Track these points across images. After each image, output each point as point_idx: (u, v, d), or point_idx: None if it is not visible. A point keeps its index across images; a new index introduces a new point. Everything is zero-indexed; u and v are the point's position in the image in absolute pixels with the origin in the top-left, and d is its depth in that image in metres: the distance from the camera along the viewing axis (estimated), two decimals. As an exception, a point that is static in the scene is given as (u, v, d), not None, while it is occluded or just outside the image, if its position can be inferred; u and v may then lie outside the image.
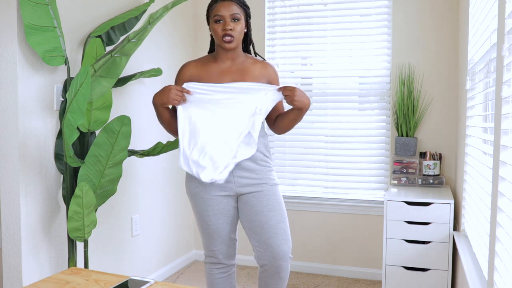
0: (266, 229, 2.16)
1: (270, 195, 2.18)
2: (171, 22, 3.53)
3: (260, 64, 2.20)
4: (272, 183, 2.20)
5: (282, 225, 2.18)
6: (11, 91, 2.27)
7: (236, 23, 2.09)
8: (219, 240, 2.25)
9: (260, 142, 2.18)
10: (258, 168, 2.17)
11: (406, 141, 3.28)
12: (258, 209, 2.16)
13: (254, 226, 2.18)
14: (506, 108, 1.50)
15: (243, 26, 2.13)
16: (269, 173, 2.21)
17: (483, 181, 2.12)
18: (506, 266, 1.46)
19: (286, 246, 2.18)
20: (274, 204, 2.18)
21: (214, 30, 2.10)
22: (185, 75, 2.19)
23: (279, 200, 2.21)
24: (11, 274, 2.34)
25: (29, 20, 2.15)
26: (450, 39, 3.30)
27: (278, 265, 2.18)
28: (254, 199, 2.17)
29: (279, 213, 2.18)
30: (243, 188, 2.17)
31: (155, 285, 1.58)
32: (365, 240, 3.53)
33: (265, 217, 2.16)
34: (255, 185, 2.17)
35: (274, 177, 2.23)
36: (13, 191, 2.30)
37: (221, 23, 2.09)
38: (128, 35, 2.27)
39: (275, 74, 2.23)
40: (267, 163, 2.21)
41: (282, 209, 2.20)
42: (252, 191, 2.17)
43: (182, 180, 3.73)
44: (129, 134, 2.37)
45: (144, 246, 3.28)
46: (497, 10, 1.72)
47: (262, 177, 2.18)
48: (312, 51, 3.61)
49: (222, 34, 2.08)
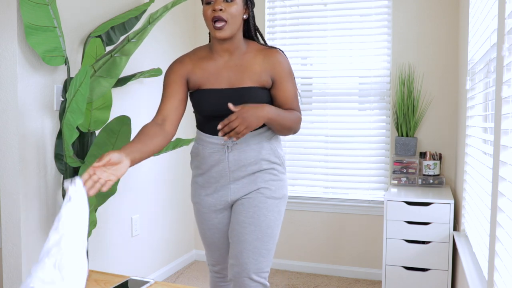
0: (241, 242, 1.86)
1: (260, 207, 1.87)
2: (171, 22, 3.53)
3: (261, 55, 1.86)
4: (269, 195, 1.88)
5: (260, 245, 1.86)
6: (11, 91, 2.27)
7: (229, 4, 1.76)
8: (217, 253, 2.06)
9: (264, 148, 1.89)
10: (259, 176, 1.89)
11: (406, 141, 3.28)
12: (240, 218, 1.88)
13: (232, 235, 1.90)
14: (506, 108, 1.50)
15: (239, 9, 1.79)
16: (271, 182, 1.90)
17: (483, 181, 2.12)
18: (506, 266, 1.46)
19: (255, 266, 1.85)
20: (260, 219, 1.86)
21: (204, 13, 1.79)
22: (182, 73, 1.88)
23: (272, 217, 1.89)
24: (11, 274, 2.34)
25: (29, 20, 2.15)
26: (450, 39, 3.30)
27: (241, 283, 1.86)
28: (241, 206, 1.89)
29: (262, 231, 1.86)
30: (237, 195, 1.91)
31: (155, 285, 1.58)
32: (365, 240, 3.53)
33: (244, 229, 1.86)
34: (249, 192, 1.89)
35: (278, 188, 1.91)
36: (13, 191, 2.30)
37: (211, 4, 1.77)
38: (128, 35, 2.27)
39: (279, 64, 1.86)
40: (273, 169, 1.91)
41: (269, 227, 1.88)
42: (243, 197, 1.90)
43: (182, 180, 3.73)
44: (129, 134, 2.37)
45: (144, 246, 3.28)
46: (497, 10, 1.72)
47: (260, 186, 1.88)
48: (312, 51, 3.60)
49: (212, 16, 1.76)
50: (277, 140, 1.95)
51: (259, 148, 1.88)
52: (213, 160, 1.88)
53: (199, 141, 1.93)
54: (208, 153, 1.89)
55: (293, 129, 1.89)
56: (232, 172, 1.88)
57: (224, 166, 1.88)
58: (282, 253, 3.73)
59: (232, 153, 1.86)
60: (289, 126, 1.85)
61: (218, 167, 1.89)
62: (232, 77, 1.85)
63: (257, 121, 1.71)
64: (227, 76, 1.85)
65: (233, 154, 1.86)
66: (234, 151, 1.86)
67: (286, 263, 3.70)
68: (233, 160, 1.86)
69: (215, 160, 1.88)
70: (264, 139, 1.89)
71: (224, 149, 1.86)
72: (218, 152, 1.87)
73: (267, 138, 1.90)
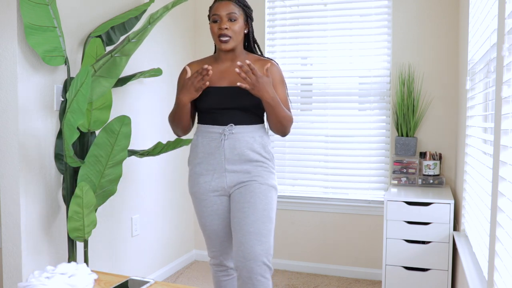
0: (242, 226, 2.06)
1: (256, 192, 2.09)
2: (171, 22, 3.53)
3: (259, 64, 2.17)
4: (263, 182, 2.11)
5: (260, 225, 2.06)
6: (11, 91, 2.27)
7: (233, 23, 2.08)
8: (217, 241, 2.23)
9: (256, 142, 2.13)
10: (251, 168, 2.12)
11: (406, 141, 3.28)
12: (240, 205, 2.09)
13: (233, 222, 2.10)
14: (506, 108, 1.50)
15: (241, 26, 2.11)
16: (263, 173, 2.13)
17: (483, 181, 2.12)
18: (506, 266, 1.46)
19: (258, 247, 2.04)
20: (257, 202, 2.08)
21: (211, 29, 2.11)
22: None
23: (266, 200, 2.10)
24: (11, 274, 2.34)
25: (29, 20, 2.15)
26: (450, 39, 3.30)
27: (249, 268, 2.02)
28: (239, 194, 2.11)
29: (259, 212, 2.07)
30: (233, 186, 2.13)
31: (155, 285, 1.58)
32: (365, 240, 3.53)
33: (243, 213, 2.07)
34: (244, 182, 2.11)
35: (270, 178, 2.14)
36: (13, 191, 2.30)
37: (218, 22, 2.09)
38: (128, 35, 2.27)
39: (272, 72, 2.15)
40: (263, 163, 2.14)
41: (265, 210, 2.08)
42: (240, 186, 2.12)
43: (182, 180, 3.73)
44: (129, 134, 2.37)
45: (144, 246, 3.28)
46: (497, 10, 1.72)
47: (254, 175, 2.11)
48: (312, 51, 3.61)
49: (218, 33, 2.08)
50: (268, 138, 2.20)
51: (252, 140, 2.13)
52: (211, 147, 2.13)
53: (198, 133, 2.18)
54: (206, 142, 2.14)
55: (285, 124, 2.11)
56: (227, 160, 2.12)
57: (220, 154, 2.12)
58: (282, 253, 3.73)
59: (228, 141, 2.11)
60: (284, 117, 2.09)
61: (215, 154, 2.13)
62: (232, 78, 2.14)
63: (266, 89, 1.99)
64: (228, 78, 2.15)
65: (228, 142, 2.11)
66: (229, 139, 2.11)
67: (286, 263, 3.70)
68: (228, 148, 2.11)
69: (212, 147, 2.13)
70: (257, 134, 2.15)
71: (221, 137, 2.11)
72: (215, 140, 2.12)
73: (259, 134, 2.15)
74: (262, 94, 1.99)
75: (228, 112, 2.11)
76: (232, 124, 2.10)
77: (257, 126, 2.15)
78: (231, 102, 2.09)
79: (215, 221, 2.19)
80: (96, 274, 1.59)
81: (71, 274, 1.49)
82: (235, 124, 2.11)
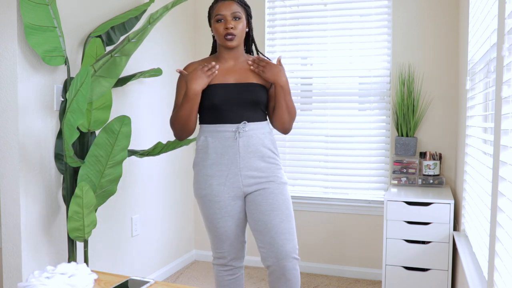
0: (269, 229, 2.12)
1: (276, 193, 2.14)
2: (171, 22, 3.53)
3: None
4: (279, 181, 2.17)
5: (286, 224, 2.13)
6: (11, 91, 2.27)
7: (237, 22, 2.12)
8: (227, 243, 2.23)
9: (266, 138, 2.17)
10: (265, 166, 2.15)
11: (406, 141, 3.28)
12: (263, 208, 2.13)
13: (258, 226, 2.14)
14: (506, 108, 1.50)
15: (244, 25, 2.15)
16: (276, 171, 2.17)
17: (483, 181, 2.12)
18: (506, 266, 1.46)
19: (289, 246, 2.12)
20: (279, 203, 2.13)
21: (216, 29, 2.13)
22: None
23: (286, 199, 2.16)
24: (11, 274, 2.34)
25: (29, 20, 2.15)
26: (450, 39, 3.30)
27: (282, 266, 2.12)
28: (260, 197, 2.14)
29: (283, 212, 2.13)
30: (250, 187, 2.14)
31: (155, 285, 1.58)
32: (365, 240, 3.53)
33: (269, 216, 2.12)
34: (262, 183, 2.14)
35: (283, 175, 2.20)
36: (13, 191, 2.30)
37: (222, 22, 2.12)
38: (128, 35, 2.27)
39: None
40: (275, 160, 2.19)
41: (287, 208, 2.16)
42: (259, 188, 2.14)
43: (182, 180, 3.73)
44: (129, 134, 2.37)
45: (144, 246, 3.28)
46: (497, 10, 1.72)
47: (269, 175, 2.15)
48: (312, 51, 3.61)
49: (224, 33, 2.11)
50: (272, 133, 2.26)
51: (263, 137, 2.16)
52: (224, 147, 2.13)
53: (207, 134, 2.17)
54: (218, 142, 2.14)
55: (292, 115, 2.19)
56: (242, 158, 2.13)
57: (235, 152, 2.12)
58: (282, 253, 3.72)
59: (242, 138, 2.12)
60: (292, 106, 2.18)
61: (229, 153, 2.13)
62: (238, 76, 2.17)
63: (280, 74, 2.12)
64: (233, 75, 2.17)
65: (243, 140, 2.12)
66: (243, 137, 2.12)
67: (286, 263, 3.70)
68: (242, 145, 2.12)
69: (226, 146, 2.13)
70: (266, 130, 2.19)
71: (235, 135, 2.12)
72: (228, 139, 2.13)
73: (267, 130, 2.20)
74: (276, 78, 2.10)
75: (238, 109, 2.12)
76: (245, 122, 2.12)
77: (265, 122, 2.21)
78: (242, 96, 2.11)
79: (228, 223, 2.19)
80: (96, 274, 1.59)
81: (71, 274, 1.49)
82: (248, 121, 2.14)
